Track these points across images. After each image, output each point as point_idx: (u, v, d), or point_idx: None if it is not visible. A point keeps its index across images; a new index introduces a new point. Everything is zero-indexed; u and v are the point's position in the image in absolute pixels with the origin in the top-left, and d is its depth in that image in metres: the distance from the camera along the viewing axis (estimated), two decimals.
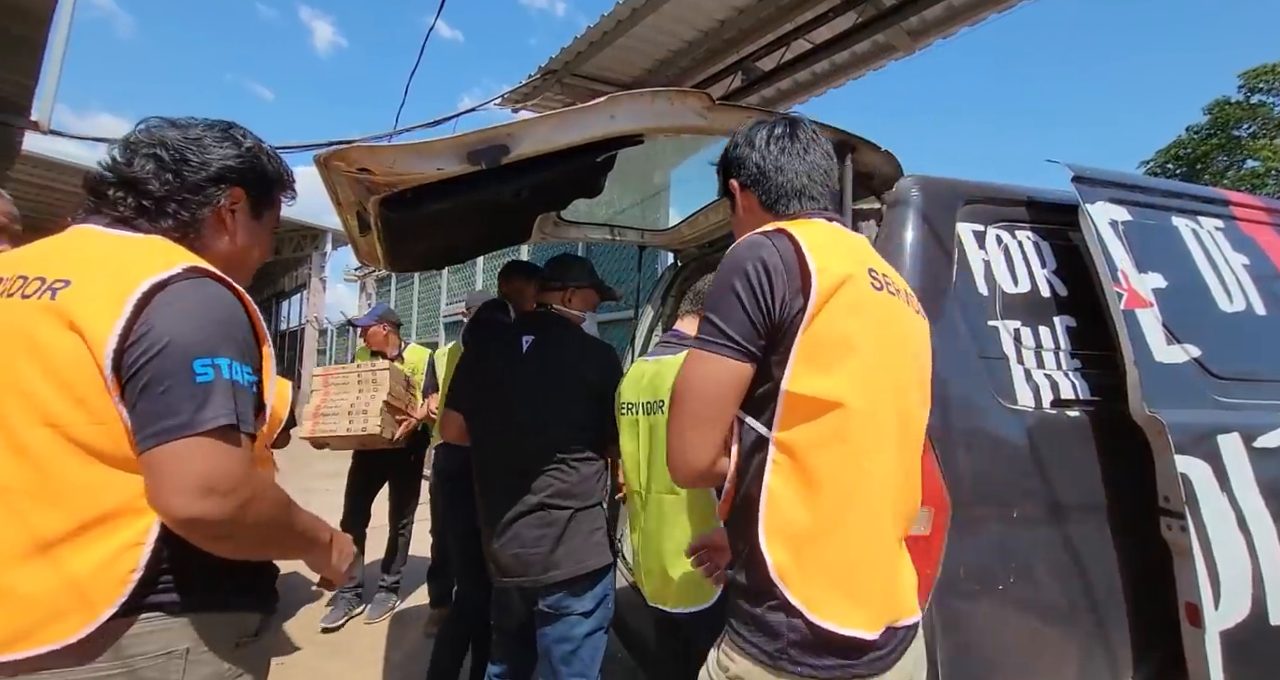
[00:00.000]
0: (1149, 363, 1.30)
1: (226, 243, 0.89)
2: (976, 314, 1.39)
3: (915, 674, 0.84)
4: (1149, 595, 1.29)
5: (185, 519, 0.69)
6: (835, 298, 0.76)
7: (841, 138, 1.41)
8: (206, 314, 0.74)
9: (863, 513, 0.76)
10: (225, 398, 0.72)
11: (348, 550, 0.96)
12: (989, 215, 1.49)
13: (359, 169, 1.05)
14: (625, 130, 1.19)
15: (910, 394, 0.83)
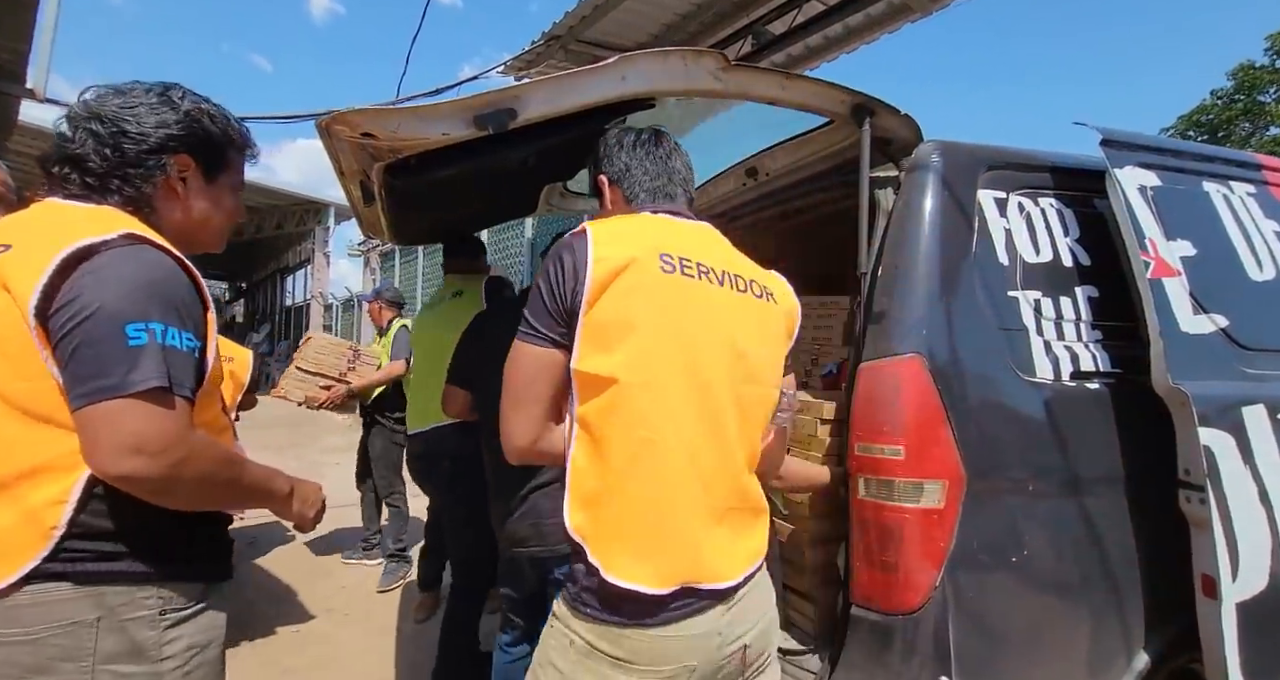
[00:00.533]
0: (1174, 333, 1.26)
1: (181, 212, 0.88)
2: (996, 284, 1.35)
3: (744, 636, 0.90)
4: (1163, 569, 1.29)
5: (116, 476, 0.72)
6: (615, 283, 0.83)
7: (860, 100, 1.35)
8: (141, 278, 0.75)
9: (646, 478, 0.82)
10: (157, 361, 0.73)
11: (312, 499, 0.99)
12: (1011, 182, 1.43)
13: (362, 134, 1.01)
14: (637, 92, 1.13)
15: (714, 369, 0.88)
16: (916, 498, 1.21)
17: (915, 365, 1.24)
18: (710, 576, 0.85)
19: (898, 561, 1.21)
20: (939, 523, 1.20)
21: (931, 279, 1.30)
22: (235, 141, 0.94)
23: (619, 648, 0.82)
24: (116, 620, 0.77)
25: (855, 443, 1.29)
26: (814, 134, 1.73)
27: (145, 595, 0.79)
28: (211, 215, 0.92)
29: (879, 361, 1.28)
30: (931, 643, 1.18)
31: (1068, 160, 1.52)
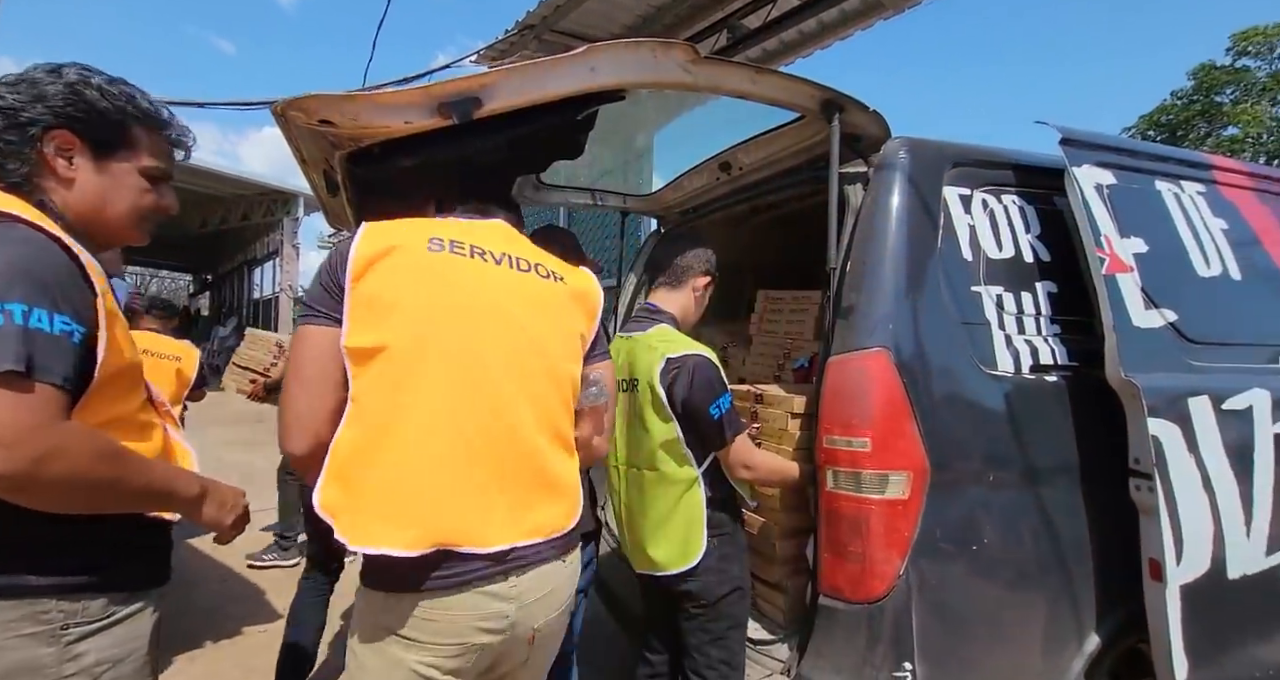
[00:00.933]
0: (1127, 327, 1.31)
1: (70, 193, 0.82)
2: (960, 280, 1.38)
3: (538, 620, 0.91)
4: (1114, 554, 1.34)
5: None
6: (380, 263, 0.87)
7: (829, 96, 1.35)
8: (2, 258, 0.69)
9: (399, 441, 0.83)
10: (14, 343, 0.67)
11: (230, 504, 0.90)
12: (976, 179, 1.46)
13: (320, 121, 0.97)
14: (606, 84, 1.12)
15: (486, 339, 0.91)
16: (882, 489, 1.23)
17: (881, 359, 1.27)
18: (468, 539, 0.84)
19: (864, 552, 1.23)
20: (903, 513, 1.23)
21: (898, 275, 1.32)
22: (140, 118, 0.85)
23: (399, 620, 0.82)
24: (9, 637, 0.71)
25: (824, 435, 1.31)
26: (786, 129, 1.74)
27: (43, 609, 0.73)
28: (111, 198, 0.84)
29: (847, 355, 1.30)
30: (895, 629, 1.21)
31: (1030, 158, 1.56)
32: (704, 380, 1.29)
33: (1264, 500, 1.37)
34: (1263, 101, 12.79)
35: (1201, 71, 13.66)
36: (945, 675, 1.22)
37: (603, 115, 1.54)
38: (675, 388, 1.30)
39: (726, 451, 1.30)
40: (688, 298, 1.51)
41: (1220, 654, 1.32)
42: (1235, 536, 1.32)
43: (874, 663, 1.21)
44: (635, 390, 1.39)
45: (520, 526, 0.89)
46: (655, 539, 1.36)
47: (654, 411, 1.33)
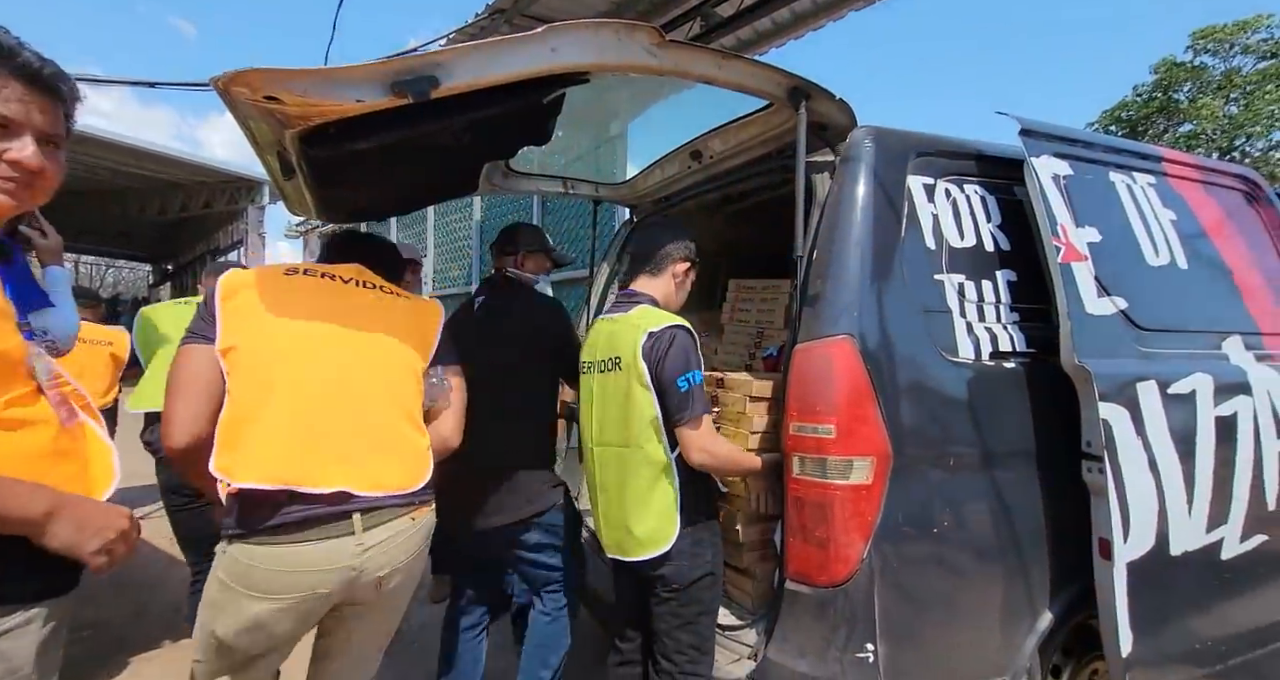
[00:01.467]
0: (1080, 315, 1.34)
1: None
2: (923, 268, 1.40)
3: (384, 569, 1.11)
4: (1067, 535, 1.39)
5: None
6: (241, 290, 1.14)
7: (796, 83, 1.35)
8: None
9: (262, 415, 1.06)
10: None
11: (97, 525, 0.75)
12: (939, 168, 1.48)
13: (265, 97, 0.92)
14: (568, 66, 1.09)
15: (331, 337, 1.15)
16: (846, 474, 1.25)
17: (846, 346, 1.28)
18: (308, 481, 1.04)
19: (828, 536, 1.25)
20: (867, 498, 1.25)
21: (863, 263, 1.34)
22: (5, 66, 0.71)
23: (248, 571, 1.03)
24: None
25: (790, 422, 1.32)
26: (755, 117, 1.73)
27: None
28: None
29: (812, 343, 1.31)
30: (858, 611, 1.23)
31: (992, 148, 1.58)
32: (679, 349, 1.31)
33: (1205, 479, 1.43)
34: (1217, 99, 13.27)
35: (1164, 67, 14.06)
36: (906, 654, 1.26)
37: (576, 102, 1.51)
38: (653, 359, 1.32)
39: (685, 431, 1.30)
40: (668, 284, 1.52)
41: (1164, 627, 1.39)
42: (1178, 514, 1.38)
43: (838, 644, 1.23)
44: (619, 368, 1.39)
45: (355, 476, 1.08)
46: (631, 520, 1.36)
47: (639, 387, 1.33)
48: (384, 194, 1.90)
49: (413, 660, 2.22)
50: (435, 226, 6.19)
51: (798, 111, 1.38)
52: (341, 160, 1.28)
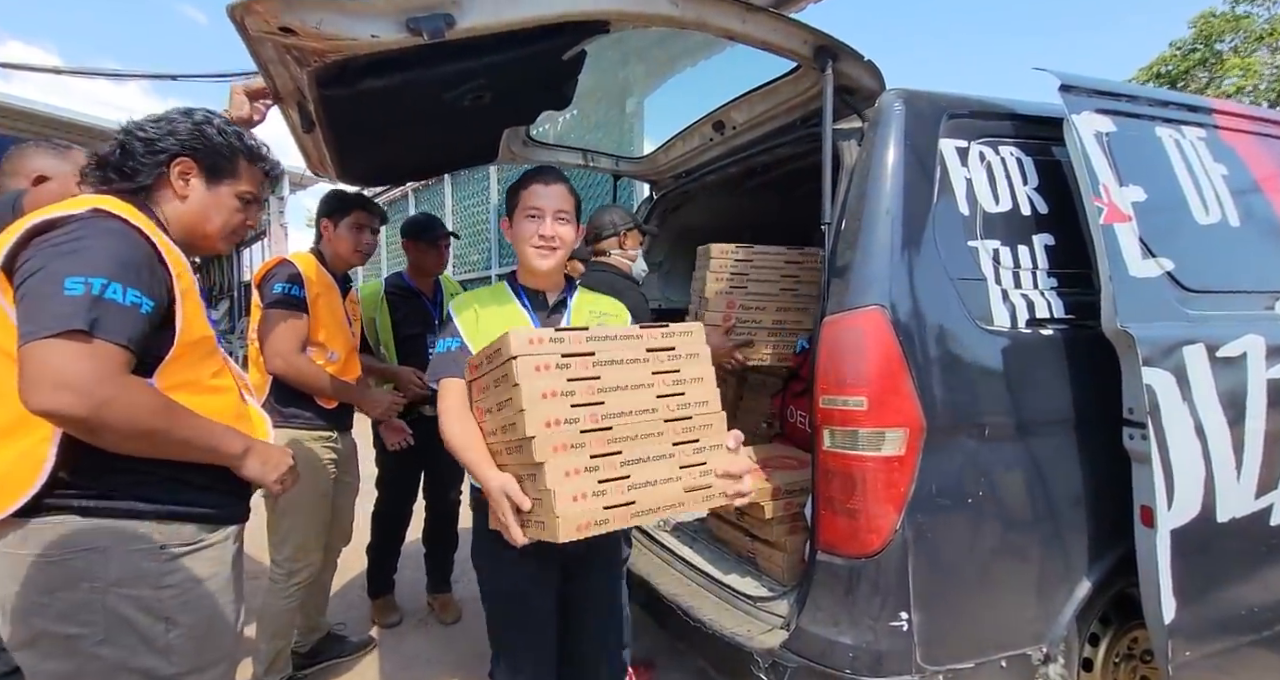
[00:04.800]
0: (1123, 278, 1.29)
1: (180, 205, 1.03)
2: (956, 235, 1.35)
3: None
4: (1106, 502, 1.36)
5: (41, 411, 0.79)
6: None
7: (822, 42, 1.30)
8: (91, 242, 0.85)
9: None
10: (85, 308, 0.81)
11: (274, 462, 1.04)
12: (973, 130, 1.42)
13: (280, 28, 0.91)
14: (589, 11, 1.05)
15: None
16: (879, 446, 1.24)
17: (877, 317, 1.25)
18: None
19: (861, 508, 1.25)
20: (900, 469, 1.24)
21: (894, 232, 1.30)
22: (244, 152, 1.07)
23: None
24: (123, 550, 0.89)
25: (820, 395, 1.30)
26: (779, 83, 1.68)
27: (145, 531, 0.91)
28: (210, 215, 1.05)
29: (842, 314, 1.29)
30: (892, 581, 1.23)
31: (1028, 108, 1.51)
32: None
33: (1255, 444, 1.39)
34: (1261, 49, 12.47)
35: (1201, 20, 13.27)
36: (940, 624, 1.26)
37: (594, 73, 1.48)
38: None
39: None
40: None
41: (1208, 594, 1.36)
42: (1226, 481, 1.34)
43: (871, 614, 1.24)
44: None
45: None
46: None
47: None
48: (403, 154, 1.88)
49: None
50: (453, 210, 6.20)
51: (824, 74, 1.33)
52: (360, 107, 1.26)
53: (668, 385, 1.04)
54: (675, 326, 1.06)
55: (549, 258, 1.23)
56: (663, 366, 1.05)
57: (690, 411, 1.05)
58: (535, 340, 0.97)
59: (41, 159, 1.40)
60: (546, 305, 1.30)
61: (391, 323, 2.28)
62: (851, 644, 1.24)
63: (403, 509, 2.37)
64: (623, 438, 1.00)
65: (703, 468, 1.04)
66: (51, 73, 4.02)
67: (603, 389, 0.99)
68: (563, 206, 1.23)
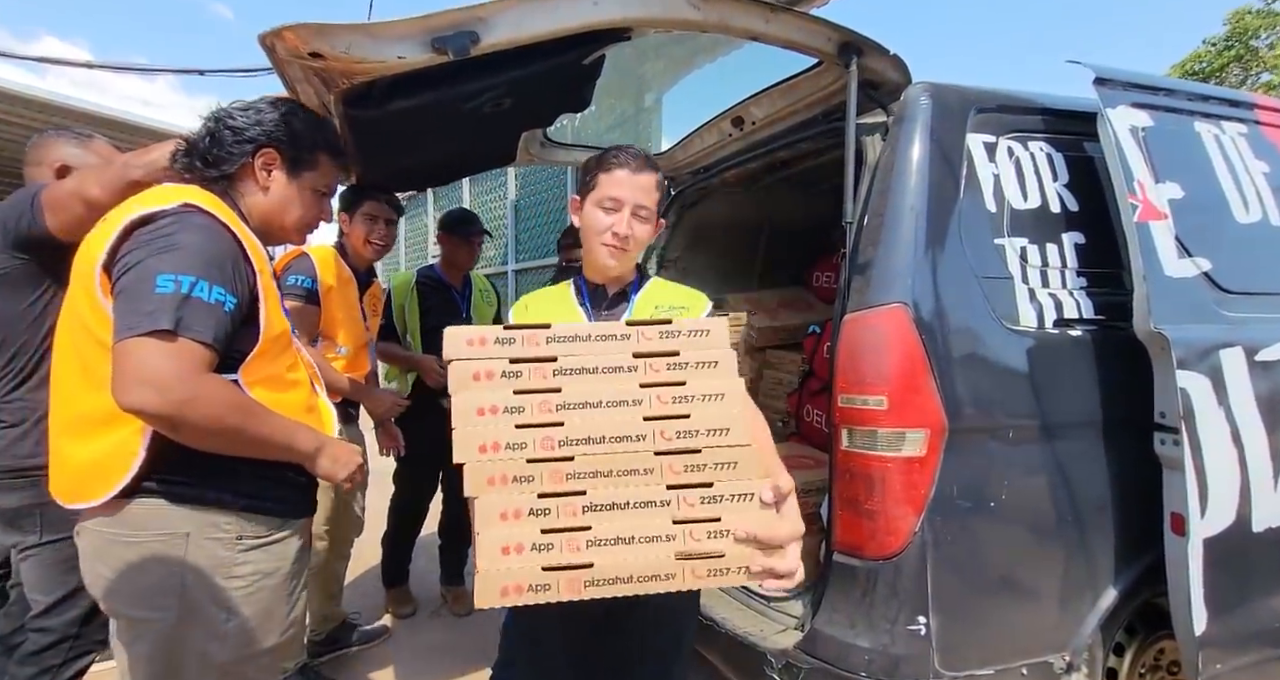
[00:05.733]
0: (1158, 278, 1.25)
1: (261, 196, 1.04)
2: (982, 233, 1.32)
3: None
4: (1134, 509, 1.32)
5: (128, 407, 0.82)
6: None
7: (847, 38, 1.28)
8: (182, 239, 0.87)
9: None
10: (173, 307, 0.83)
11: (344, 460, 1.04)
12: (1001, 125, 1.39)
13: (310, 54, 0.93)
14: (609, 19, 1.05)
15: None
16: (899, 447, 1.22)
17: (899, 315, 1.23)
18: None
19: (879, 509, 1.23)
20: (920, 470, 1.22)
21: (917, 229, 1.28)
22: (325, 146, 1.07)
23: None
24: (202, 537, 0.93)
25: (839, 394, 1.28)
26: (800, 78, 1.66)
27: (225, 521, 0.94)
28: (289, 207, 1.06)
29: (863, 312, 1.27)
30: (910, 584, 1.21)
31: (1059, 102, 1.47)
32: None
33: None
34: None
35: (1235, 17, 12.87)
36: (959, 628, 1.23)
37: (611, 70, 1.47)
38: None
39: None
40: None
41: (1241, 605, 1.32)
42: (1263, 489, 1.29)
43: (888, 616, 1.22)
44: None
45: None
46: None
47: None
48: (425, 161, 1.90)
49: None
50: (472, 206, 6.25)
51: (848, 69, 1.31)
52: (383, 123, 1.28)
53: (664, 403, 0.76)
54: (682, 323, 0.82)
55: (619, 259, 1.07)
56: (658, 377, 0.78)
57: (699, 443, 0.76)
58: (475, 340, 0.79)
59: (64, 148, 1.40)
60: (606, 297, 1.14)
61: (420, 312, 2.30)
62: (868, 647, 1.22)
63: (420, 501, 2.40)
64: (589, 473, 0.75)
65: (713, 526, 0.74)
66: (84, 67, 4.12)
67: (564, 405, 0.76)
68: (645, 202, 1.06)
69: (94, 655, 1.35)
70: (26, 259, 1.24)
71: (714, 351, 0.80)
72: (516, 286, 5.35)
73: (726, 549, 0.75)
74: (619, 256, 1.07)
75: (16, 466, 1.26)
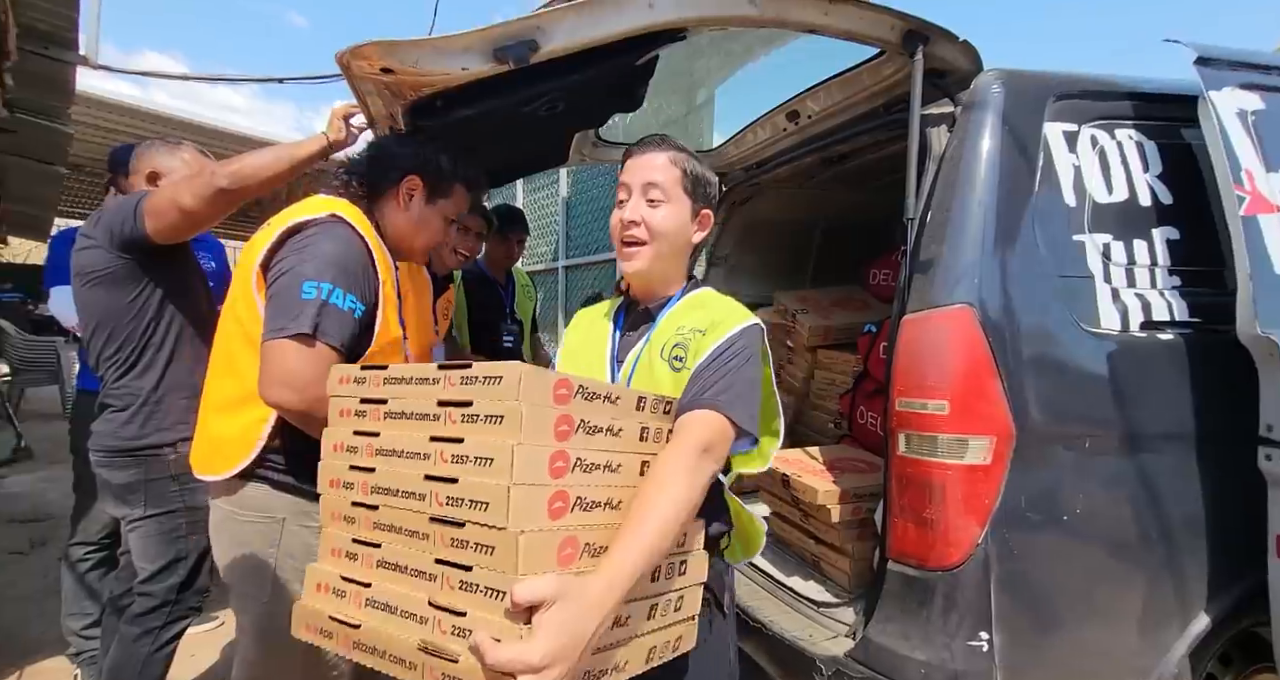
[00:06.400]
0: (1267, 277, 1.14)
1: (401, 218, 1.15)
2: (1059, 228, 1.24)
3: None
4: (1231, 528, 1.21)
5: (269, 402, 0.94)
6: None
7: (913, 26, 1.22)
8: (325, 249, 0.99)
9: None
10: (313, 312, 0.94)
11: None
12: (1084, 113, 1.29)
13: (381, 69, 0.98)
14: (667, 21, 1.05)
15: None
16: (961, 454, 1.16)
17: (964, 316, 1.17)
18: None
19: (939, 518, 1.18)
20: (984, 479, 1.16)
21: (987, 224, 1.21)
22: (462, 179, 1.20)
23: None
24: (296, 524, 1.01)
25: (896, 397, 1.24)
26: (861, 69, 1.60)
27: (316, 511, 0.99)
28: (421, 230, 1.16)
29: (924, 313, 1.22)
30: (972, 599, 1.15)
31: (1152, 86, 1.35)
32: None
33: None
34: None
35: None
36: (1026, 647, 1.17)
37: (662, 68, 1.47)
38: None
39: None
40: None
41: None
42: None
43: (947, 631, 1.17)
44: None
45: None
46: None
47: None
48: (484, 166, 1.97)
49: None
50: (524, 203, 6.39)
51: (913, 58, 1.25)
52: (446, 132, 1.33)
53: (445, 462, 0.65)
54: (480, 367, 0.66)
55: (639, 257, 0.92)
56: (448, 430, 0.66)
57: (463, 514, 0.62)
58: (344, 379, 0.78)
59: (155, 157, 1.55)
60: (640, 317, 1.00)
61: (468, 308, 2.39)
62: (924, 660, 1.17)
63: None
64: (387, 526, 0.69)
65: (458, 621, 0.60)
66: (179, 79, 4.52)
67: (379, 451, 0.71)
68: (656, 178, 0.90)
69: (189, 619, 1.49)
70: (129, 258, 1.37)
71: (502, 404, 0.63)
72: (567, 283, 5.43)
73: (462, 654, 0.58)
74: (637, 254, 0.92)
75: (124, 447, 1.39)
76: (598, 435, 0.70)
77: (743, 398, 0.83)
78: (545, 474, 0.63)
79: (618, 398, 0.74)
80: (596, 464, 0.69)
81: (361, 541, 0.71)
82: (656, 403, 0.81)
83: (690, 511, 0.72)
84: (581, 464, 0.67)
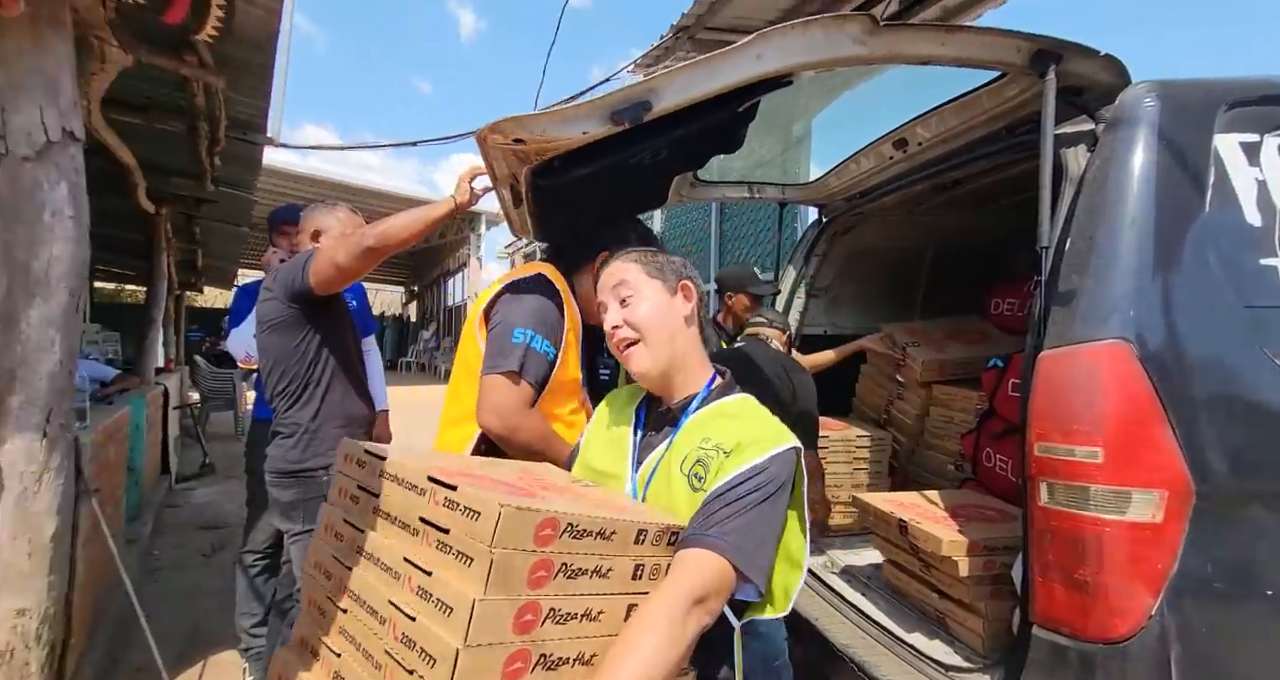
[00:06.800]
0: None
1: (589, 283, 1.34)
2: (1241, 251, 1.09)
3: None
4: None
5: (481, 425, 1.17)
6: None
7: (1042, 46, 1.16)
8: (531, 303, 1.24)
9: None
10: (519, 354, 1.17)
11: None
12: (1266, 120, 1.14)
13: (514, 140, 1.10)
14: (773, 71, 1.09)
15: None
16: (1122, 509, 1.02)
17: (1119, 352, 1.05)
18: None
19: (1096, 581, 1.04)
20: (1154, 540, 1.01)
21: (1142, 250, 1.09)
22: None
23: None
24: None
25: (1036, 442, 1.12)
26: (980, 93, 1.53)
27: None
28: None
29: (1068, 348, 1.10)
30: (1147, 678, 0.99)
31: None
32: None
33: None
34: None
35: None
36: None
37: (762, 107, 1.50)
38: None
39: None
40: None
41: None
42: None
43: None
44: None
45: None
46: None
47: None
48: (590, 214, 2.11)
49: None
50: None
51: (1044, 78, 1.18)
52: (564, 189, 1.46)
53: (411, 593, 0.60)
54: (464, 494, 0.61)
55: (632, 360, 0.90)
56: (422, 555, 0.62)
57: (412, 662, 0.57)
58: (349, 457, 0.75)
59: (317, 217, 1.77)
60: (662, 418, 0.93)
61: None
62: None
63: None
64: (349, 636, 0.64)
65: None
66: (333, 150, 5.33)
67: (362, 550, 0.67)
68: (618, 279, 0.93)
69: None
70: (296, 308, 1.58)
71: (475, 545, 0.57)
72: None
73: None
74: (634, 354, 0.90)
75: (290, 469, 1.57)
76: (581, 579, 0.63)
77: (753, 541, 0.74)
78: (508, 631, 0.56)
79: (613, 533, 0.66)
80: (573, 613, 0.62)
81: (327, 646, 0.67)
82: (660, 534, 0.72)
83: (669, 673, 0.64)
84: (555, 615, 0.60)
